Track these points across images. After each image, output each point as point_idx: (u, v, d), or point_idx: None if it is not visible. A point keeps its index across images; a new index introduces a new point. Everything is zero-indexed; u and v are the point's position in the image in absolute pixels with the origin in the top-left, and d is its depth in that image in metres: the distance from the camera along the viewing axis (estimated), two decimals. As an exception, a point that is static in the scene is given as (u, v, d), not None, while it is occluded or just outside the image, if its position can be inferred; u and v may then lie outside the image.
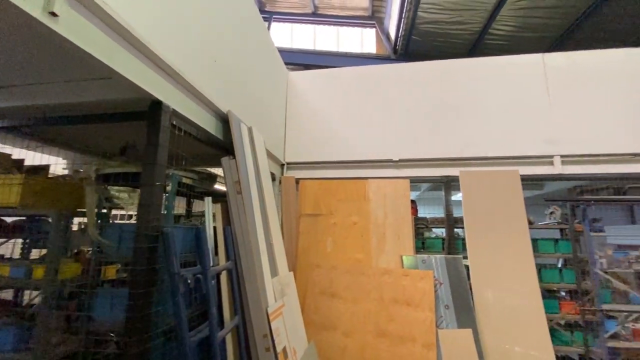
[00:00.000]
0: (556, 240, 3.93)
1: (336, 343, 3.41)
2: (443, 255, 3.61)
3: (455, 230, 4.11)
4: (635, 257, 3.65)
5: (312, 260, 3.88)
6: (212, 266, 2.09)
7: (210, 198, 2.50)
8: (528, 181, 4.06)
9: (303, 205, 4.15)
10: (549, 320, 3.69)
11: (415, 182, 4.24)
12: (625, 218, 7.53)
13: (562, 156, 3.86)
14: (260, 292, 2.34)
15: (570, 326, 3.81)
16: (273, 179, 4.12)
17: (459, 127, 4.18)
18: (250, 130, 2.97)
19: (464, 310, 3.33)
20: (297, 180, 4.29)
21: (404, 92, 4.45)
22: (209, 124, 2.51)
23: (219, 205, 2.63)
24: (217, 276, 2.46)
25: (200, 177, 3.22)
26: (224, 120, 2.70)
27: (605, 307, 3.64)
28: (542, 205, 4.50)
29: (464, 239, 3.80)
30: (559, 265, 4.32)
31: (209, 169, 3.64)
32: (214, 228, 2.56)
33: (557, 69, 4.15)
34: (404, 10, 8.03)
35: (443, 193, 4.12)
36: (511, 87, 4.18)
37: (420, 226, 4.19)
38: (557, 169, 3.85)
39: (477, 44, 8.84)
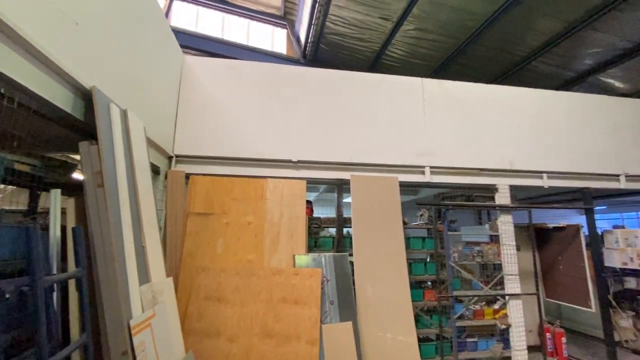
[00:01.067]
0: (424, 239, 4.59)
1: (220, 350, 3.21)
2: (331, 254, 3.80)
3: (346, 229, 4.40)
4: (477, 251, 4.55)
5: (199, 263, 3.59)
6: (51, 275, 1.68)
7: (58, 190, 2.02)
8: (406, 187, 4.64)
9: (192, 203, 3.81)
10: (415, 308, 4.28)
11: (311, 183, 4.36)
12: (474, 220, 9.39)
13: (431, 167, 4.54)
14: (122, 302, 2.00)
15: (430, 311, 4.51)
16: (156, 172, 3.65)
17: (353, 134, 4.50)
18: (124, 113, 2.55)
19: (346, 305, 3.56)
20: (188, 176, 3.91)
21: (307, 96, 4.55)
22: (62, 100, 2.04)
23: (72, 200, 2.16)
24: (65, 287, 2.01)
25: (48, 165, 2.59)
26: (87, 98, 2.24)
27: (455, 293, 4.42)
28: (415, 208, 5.22)
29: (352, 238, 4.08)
30: (428, 260, 5.06)
31: (72, 155, 2.98)
32: (64, 227, 2.09)
33: (432, 93, 4.88)
34: (314, 18, 8.31)
35: (336, 195, 4.36)
36: (397, 103, 4.72)
37: (314, 226, 4.33)
38: (427, 177, 4.51)
39: (376, 62, 9.79)
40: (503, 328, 4.36)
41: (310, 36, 9.01)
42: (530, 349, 5.02)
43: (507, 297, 4.44)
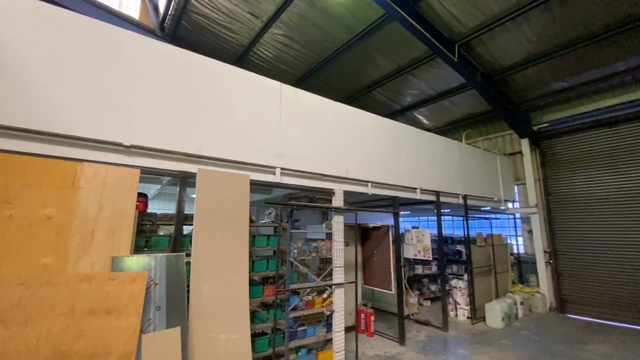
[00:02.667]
0: (269, 236, 4.76)
1: (-23, 390, 2.34)
2: (164, 254, 3.41)
3: (187, 227, 4.05)
4: (314, 247, 5.07)
5: (-51, 272, 2.52)
6: None
7: None
8: (258, 185, 4.70)
9: (-53, 186, 2.66)
10: (253, 304, 4.37)
11: (148, 173, 3.82)
12: (319, 219, 10.46)
13: (282, 169, 4.77)
14: None
15: (268, 306, 4.70)
16: None
17: (205, 125, 4.22)
18: None
19: (176, 309, 3.27)
20: (-58, 146, 2.70)
21: (158, 73, 3.95)
22: None
23: None
24: None
25: None
26: None
27: (292, 286, 4.77)
28: (266, 207, 5.37)
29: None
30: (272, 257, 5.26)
31: None
32: None
33: (289, 99, 5.15)
34: (177, -11, 7.44)
35: (178, 188, 3.97)
36: (256, 103, 4.73)
37: (147, 223, 3.79)
38: (278, 178, 4.72)
39: (244, 57, 9.63)
40: (328, 314, 5.00)
41: (171, 9, 7.98)
42: (349, 329, 5.98)
43: (333, 287, 5.13)
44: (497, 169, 9.35)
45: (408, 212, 13.06)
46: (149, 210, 4.01)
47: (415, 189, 6.83)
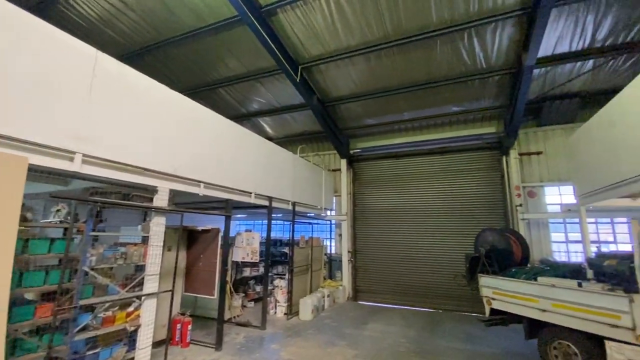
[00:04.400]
0: (53, 240, 3.71)
1: None
2: None
3: None
4: (121, 253, 4.31)
5: None
6: None
7: None
8: (43, 173, 3.60)
9: None
10: (15, 330, 3.27)
11: None
12: (138, 220, 9.04)
13: (85, 155, 3.84)
14: None
15: (42, 330, 3.62)
16: None
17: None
18: None
19: None
20: None
21: None
22: None
23: None
24: None
25: None
26: None
27: (84, 302, 3.87)
28: (55, 202, 4.16)
29: None
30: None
31: None
32: None
33: (109, 73, 4.25)
34: None
35: None
36: (52, 63, 3.64)
37: None
38: (77, 166, 3.76)
39: (51, 5, 7.33)
40: (132, 329, 4.34)
41: None
42: (161, 342, 5.38)
43: (143, 298, 4.51)
44: (322, 182, 10.88)
45: (244, 215, 13.24)
46: None
47: (250, 193, 7.01)
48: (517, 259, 6.61)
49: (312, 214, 10.80)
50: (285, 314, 8.35)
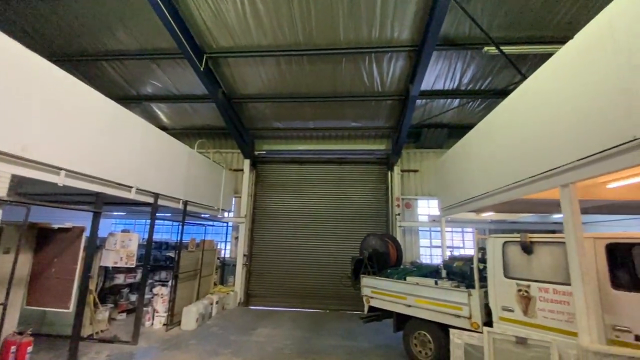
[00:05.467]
0: None
1: None
2: None
3: None
4: None
5: None
6: None
7: None
8: None
9: None
10: None
11: None
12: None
13: None
14: None
15: None
16: None
17: None
18: None
19: None
20: None
21: None
22: None
23: None
24: None
25: None
26: None
27: None
28: None
29: None
30: None
31: None
32: None
33: None
34: None
35: None
36: None
37: None
38: None
39: None
40: None
41: None
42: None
43: (-51, 317, 3.35)
44: (222, 181, 10.30)
45: (124, 213, 11.42)
46: None
47: (131, 187, 6.08)
48: (393, 261, 7.55)
49: (207, 215, 10.10)
50: (164, 324, 7.47)
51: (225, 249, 11.28)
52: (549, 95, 3.98)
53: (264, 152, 11.53)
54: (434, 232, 10.74)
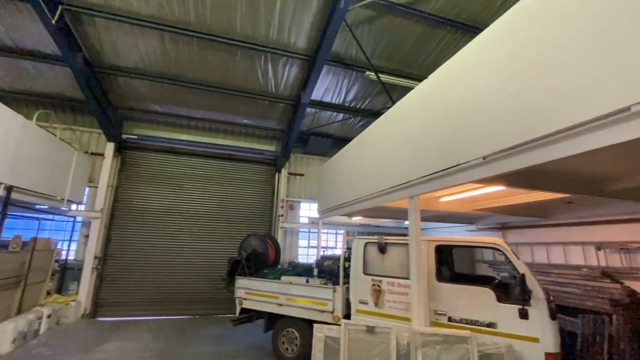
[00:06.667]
0: None
1: None
2: None
3: None
4: None
5: None
6: None
7: None
8: None
9: None
10: None
11: None
12: None
13: None
14: None
15: None
16: None
17: None
18: None
19: None
20: None
21: None
22: None
23: None
24: None
25: None
26: None
27: None
28: None
29: None
30: None
31: None
32: None
33: None
34: None
35: None
36: None
37: None
38: None
39: None
40: None
41: None
42: None
43: None
44: (71, 166, 8.34)
45: None
46: None
47: None
48: (271, 261, 7.63)
49: (46, 207, 8.00)
50: (-46, 352, 5.47)
51: (68, 250, 9.12)
52: (402, 124, 4.81)
53: (135, 136, 9.93)
54: (312, 233, 11.41)
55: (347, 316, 5.10)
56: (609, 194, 3.87)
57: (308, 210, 11.56)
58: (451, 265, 6.23)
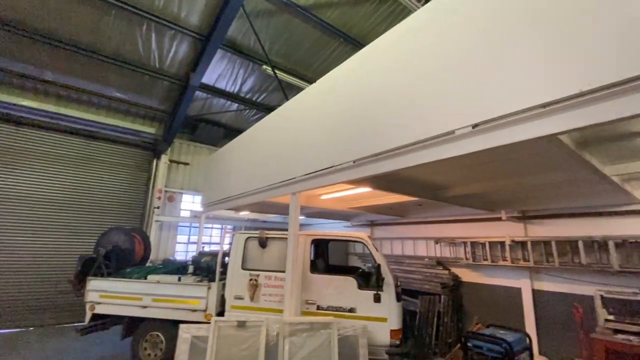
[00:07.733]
0: None
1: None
2: None
3: None
4: None
5: None
6: None
7: None
8: None
9: None
10: None
11: None
12: None
13: None
14: None
15: None
16: None
17: None
18: None
19: None
20: None
21: None
22: None
23: None
24: None
25: None
26: None
27: None
28: None
29: None
30: None
31: None
32: None
33: None
34: None
35: None
36: None
37: None
38: None
39: None
40: None
41: None
42: None
43: None
44: None
45: None
46: None
47: None
48: (138, 259, 6.71)
49: None
50: None
51: None
52: (289, 123, 4.98)
53: (-59, 92, 7.22)
54: (194, 227, 10.60)
55: (221, 313, 4.93)
56: (445, 199, 4.88)
57: (192, 203, 10.67)
58: (326, 257, 6.76)
